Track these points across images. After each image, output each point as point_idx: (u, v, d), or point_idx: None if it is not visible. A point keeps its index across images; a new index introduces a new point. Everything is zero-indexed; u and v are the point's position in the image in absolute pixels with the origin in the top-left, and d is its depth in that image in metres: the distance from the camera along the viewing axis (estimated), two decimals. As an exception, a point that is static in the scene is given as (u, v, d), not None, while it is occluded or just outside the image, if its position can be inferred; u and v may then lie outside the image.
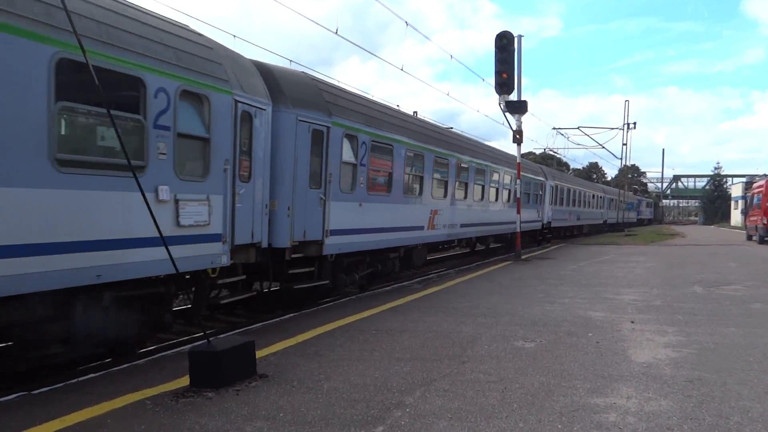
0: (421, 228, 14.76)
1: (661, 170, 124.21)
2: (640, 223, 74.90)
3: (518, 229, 20.88)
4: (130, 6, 6.90)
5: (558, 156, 57.30)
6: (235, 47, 8.76)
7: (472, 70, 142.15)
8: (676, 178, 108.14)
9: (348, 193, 11.23)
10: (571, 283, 13.40)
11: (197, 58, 7.58)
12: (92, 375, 6.22)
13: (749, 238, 33.68)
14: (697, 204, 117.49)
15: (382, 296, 11.44)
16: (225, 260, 8.09)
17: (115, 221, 6.32)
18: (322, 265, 10.76)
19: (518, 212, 20.88)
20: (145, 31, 6.81)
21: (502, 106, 19.78)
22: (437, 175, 15.69)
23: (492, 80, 19.61)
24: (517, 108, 20.28)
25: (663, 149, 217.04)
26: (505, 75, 19.09)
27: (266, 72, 9.55)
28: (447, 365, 6.36)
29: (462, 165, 17.37)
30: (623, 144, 49.40)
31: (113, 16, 6.43)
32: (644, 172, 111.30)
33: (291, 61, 12.51)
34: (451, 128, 20.15)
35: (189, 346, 6.74)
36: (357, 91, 13.29)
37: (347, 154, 11.14)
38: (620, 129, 46.89)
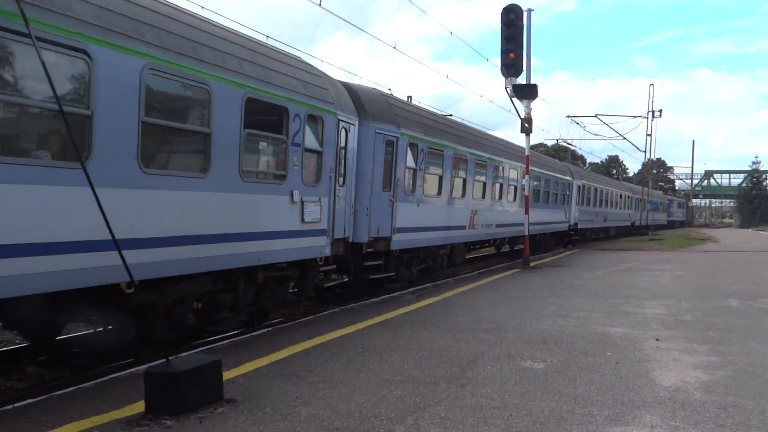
0: (464, 227, 18.02)
1: (690, 165, 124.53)
2: (671, 225, 75.66)
3: (527, 232, 20.96)
4: (272, 49, 10.28)
5: (572, 148, 57.63)
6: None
7: (475, 48, 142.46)
8: (708, 174, 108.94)
9: (409, 195, 14.46)
10: (586, 295, 13.49)
11: (315, 87, 10.72)
12: (30, 400, 6.17)
13: (792, 243, 33.98)
14: (732, 204, 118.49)
15: (369, 309, 11.45)
16: (328, 251, 11.17)
17: (267, 218, 9.39)
18: (388, 259, 13.87)
19: (526, 212, 20.95)
20: (285, 69, 9.96)
21: (509, 91, 19.82)
22: (477, 177, 18.79)
23: (497, 61, 19.60)
24: (526, 93, 20.29)
25: (693, 141, 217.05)
26: (512, 55, 19.12)
27: (351, 91, 12.65)
28: (444, 388, 6.38)
29: (497, 166, 20.43)
30: (647, 134, 49.65)
31: (269, 60, 9.55)
32: (671, 167, 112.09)
33: (267, 36, 12.91)
34: (451, 116, 20.20)
35: (144, 366, 6.71)
36: (345, 73, 15.34)
37: (410, 161, 14.46)
38: (644, 117, 47.43)
